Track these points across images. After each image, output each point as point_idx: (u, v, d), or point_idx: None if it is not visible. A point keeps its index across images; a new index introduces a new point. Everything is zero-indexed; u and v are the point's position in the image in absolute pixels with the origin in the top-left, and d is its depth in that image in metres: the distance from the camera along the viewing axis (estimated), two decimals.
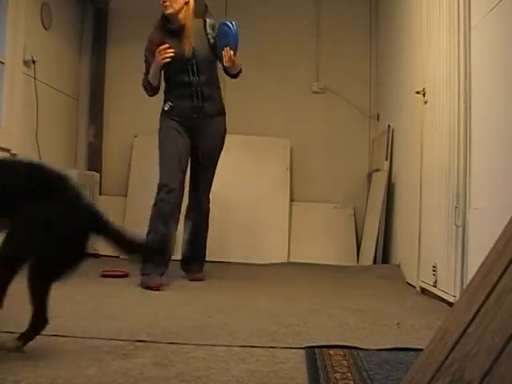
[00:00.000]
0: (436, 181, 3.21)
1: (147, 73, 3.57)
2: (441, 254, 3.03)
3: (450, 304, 2.78)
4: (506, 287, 1.06)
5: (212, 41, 3.57)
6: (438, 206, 3.15)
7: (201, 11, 5.50)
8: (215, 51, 3.56)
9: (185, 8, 3.52)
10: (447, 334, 1.19)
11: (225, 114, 3.72)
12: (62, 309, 2.49)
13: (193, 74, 3.50)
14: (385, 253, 4.62)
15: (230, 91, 5.84)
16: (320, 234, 5.34)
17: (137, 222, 5.40)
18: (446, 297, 2.91)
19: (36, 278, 1.68)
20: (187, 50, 3.49)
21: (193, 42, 3.51)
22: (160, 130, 3.60)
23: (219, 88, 3.73)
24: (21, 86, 4.43)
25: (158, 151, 3.58)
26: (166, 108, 3.57)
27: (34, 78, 4.62)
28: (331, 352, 1.89)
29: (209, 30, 3.59)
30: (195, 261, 3.73)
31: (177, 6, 3.48)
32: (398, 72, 4.67)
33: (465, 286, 2.38)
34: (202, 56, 3.53)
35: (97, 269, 3.72)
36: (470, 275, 2.57)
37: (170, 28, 3.53)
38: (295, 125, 5.66)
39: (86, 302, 2.72)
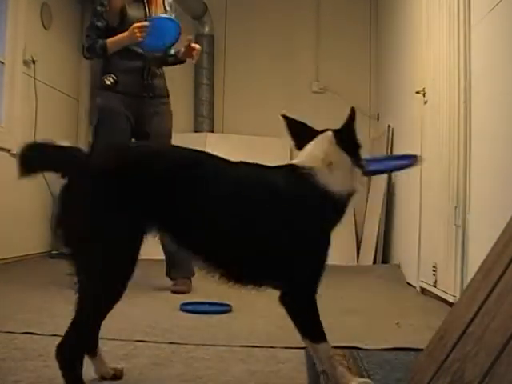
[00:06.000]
0: (436, 181, 3.21)
1: (98, 29, 3.05)
2: (441, 254, 3.03)
3: (450, 304, 2.78)
4: (506, 287, 1.06)
5: None
6: (438, 206, 3.15)
7: (200, 9, 5.53)
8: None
9: None
10: (447, 333, 1.19)
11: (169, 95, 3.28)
12: (62, 309, 2.49)
13: None
14: (385, 253, 4.62)
15: (230, 91, 5.85)
16: None
17: None
18: (445, 297, 2.91)
19: None
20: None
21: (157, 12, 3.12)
22: (98, 110, 3.07)
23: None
24: (21, 85, 4.43)
25: (93, 135, 3.08)
26: (107, 82, 3.03)
27: (34, 78, 4.62)
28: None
29: (167, 7, 3.20)
30: (179, 270, 3.18)
31: None
32: (398, 72, 4.67)
33: (465, 286, 2.38)
34: None
35: None
36: (470, 275, 2.57)
37: None
38: None
39: None
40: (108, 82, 3.03)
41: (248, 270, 1.47)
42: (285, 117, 1.64)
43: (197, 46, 3.16)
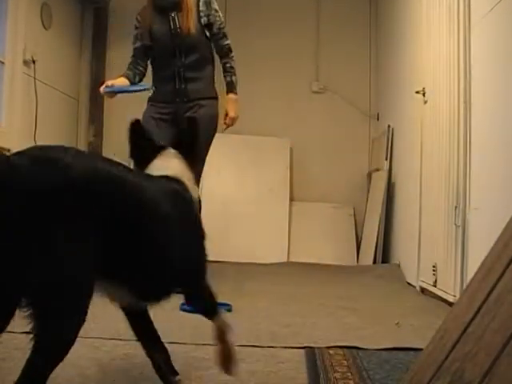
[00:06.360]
0: (436, 181, 3.21)
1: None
2: (441, 254, 3.03)
3: (450, 304, 2.78)
4: (506, 287, 1.06)
5: (205, 19, 3.17)
6: (438, 206, 3.15)
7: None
8: (209, 30, 3.21)
9: None
10: (447, 333, 1.19)
11: (215, 97, 3.32)
12: None
13: (179, 54, 3.14)
14: (385, 253, 4.62)
15: None
16: (320, 233, 5.34)
17: None
18: (445, 297, 2.91)
19: None
20: (186, 27, 3.12)
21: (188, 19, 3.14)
22: (142, 119, 3.15)
23: (211, 69, 3.31)
24: (21, 85, 4.43)
25: None
26: (150, 94, 3.26)
27: (34, 77, 4.61)
28: (331, 352, 1.89)
29: (202, 7, 3.18)
30: None
31: None
32: (397, 72, 4.67)
33: (465, 286, 2.38)
34: (192, 35, 3.14)
35: None
36: (470, 275, 2.57)
37: (161, 4, 3.15)
38: (295, 125, 5.67)
39: None
40: (150, 95, 3.26)
41: (156, 285, 1.39)
42: (134, 124, 1.53)
43: (232, 120, 3.37)
